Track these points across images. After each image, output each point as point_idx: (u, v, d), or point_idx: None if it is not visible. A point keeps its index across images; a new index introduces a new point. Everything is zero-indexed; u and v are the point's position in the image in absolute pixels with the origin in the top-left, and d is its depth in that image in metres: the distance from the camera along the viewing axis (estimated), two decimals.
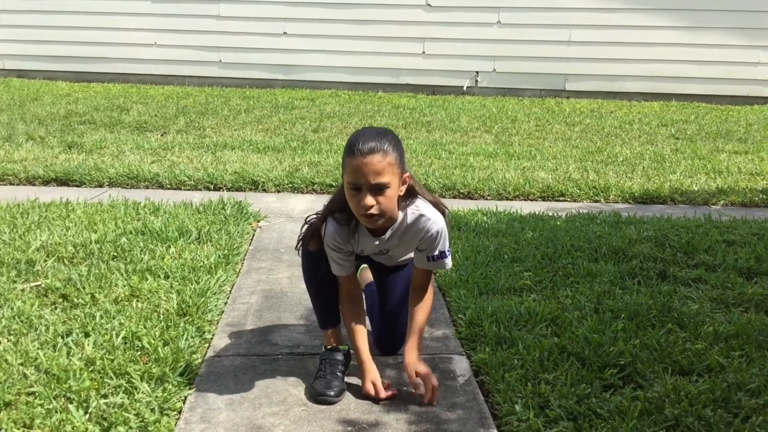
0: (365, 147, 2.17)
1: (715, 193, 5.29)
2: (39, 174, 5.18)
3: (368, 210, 2.20)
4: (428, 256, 2.42)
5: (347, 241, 2.38)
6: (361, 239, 2.41)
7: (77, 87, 9.86)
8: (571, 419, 2.21)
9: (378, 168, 2.16)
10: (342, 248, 2.40)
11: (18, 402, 2.21)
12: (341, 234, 2.37)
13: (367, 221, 2.27)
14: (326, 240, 2.38)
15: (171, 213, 4.25)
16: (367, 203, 2.19)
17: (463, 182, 5.25)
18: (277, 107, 8.66)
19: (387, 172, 2.18)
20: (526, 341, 2.69)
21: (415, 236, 2.40)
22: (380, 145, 2.18)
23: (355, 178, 2.19)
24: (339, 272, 2.45)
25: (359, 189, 2.19)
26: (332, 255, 2.42)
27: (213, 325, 2.89)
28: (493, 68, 10.24)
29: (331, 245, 2.39)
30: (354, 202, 2.23)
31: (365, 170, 2.16)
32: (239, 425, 2.20)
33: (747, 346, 2.68)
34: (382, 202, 2.21)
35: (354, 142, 2.20)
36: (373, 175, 2.17)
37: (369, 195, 2.19)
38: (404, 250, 2.52)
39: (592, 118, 8.52)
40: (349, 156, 2.19)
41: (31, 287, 3.10)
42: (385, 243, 2.43)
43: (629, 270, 3.51)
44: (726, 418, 2.21)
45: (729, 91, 9.99)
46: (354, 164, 2.18)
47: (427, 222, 2.37)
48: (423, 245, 2.41)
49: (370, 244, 2.43)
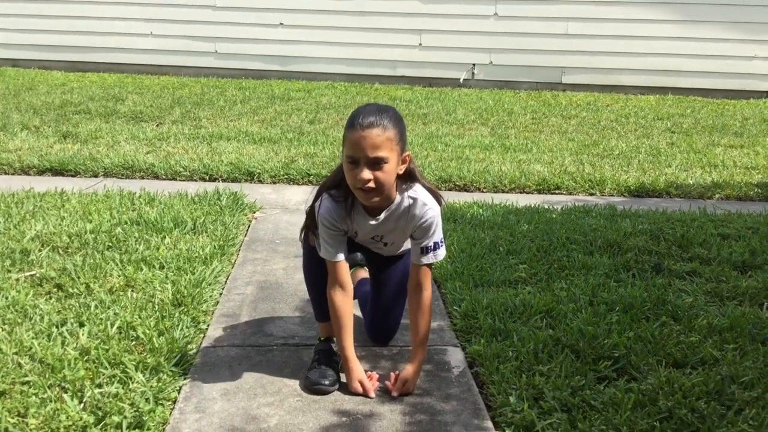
0: (365, 121, 2.16)
1: (711, 186, 5.30)
2: (34, 164, 5.17)
3: (365, 184, 2.18)
4: (423, 247, 2.38)
5: (343, 219, 2.35)
6: (357, 218, 2.37)
7: (72, 77, 9.82)
8: (565, 411, 2.22)
9: (377, 142, 2.15)
10: (337, 226, 2.34)
11: (12, 391, 2.21)
12: (337, 211, 2.34)
13: (364, 196, 2.25)
14: (321, 217, 2.34)
15: (166, 203, 4.24)
16: (364, 176, 2.17)
17: (459, 174, 5.25)
18: (273, 98, 8.64)
19: (385, 147, 2.17)
20: (520, 333, 2.69)
21: (411, 221, 2.37)
22: (380, 119, 2.17)
23: (353, 151, 2.17)
24: (329, 255, 2.36)
25: (357, 162, 2.18)
26: (324, 234, 2.35)
27: (208, 316, 2.89)
28: (490, 61, 10.23)
29: (325, 222, 2.33)
30: (351, 176, 2.21)
31: (363, 144, 2.15)
32: (234, 415, 2.20)
33: (741, 339, 2.70)
34: (379, 176, 2.19)
35: (355, 115, 2.20)
36: (371, 149, 2.15)
37: (366, 169, 2.17)
38: (399, 237, 2.49)
39: (589, 111, 8.52)
40: (349, 129, 2.19)
41: (26, 277, 3.09)
42: (380, 225, 2.39)
43: (624, 263, 3.51)
44: (719, 411, 2.22)
45: (725, 85, 10.00)
46: (353, 137, 2.17)
47: (423, 208, 2.35)
48: (418, 233, 2.38)
49: (366, 225, 2.39)
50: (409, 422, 2.20)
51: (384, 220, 2.38)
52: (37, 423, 2.04)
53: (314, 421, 2.19)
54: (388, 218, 2.38)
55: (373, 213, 2.37)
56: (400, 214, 2.37)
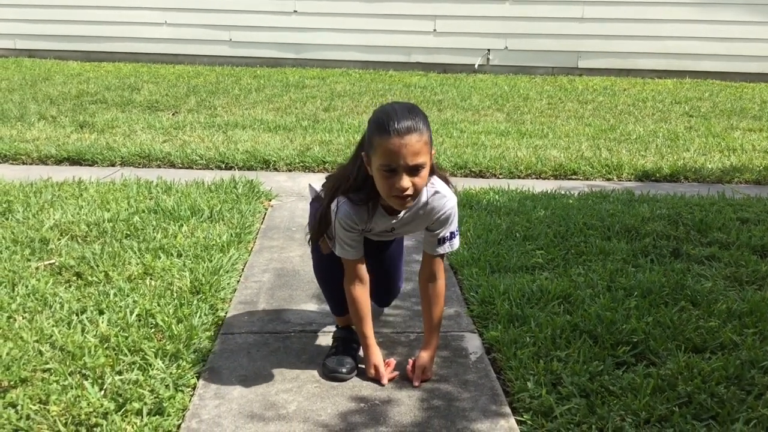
0: (402, 126, 2.01)
1: (729, 170, 5.25)
2: (51, 153, 5.20)
3: (404, 192, 2.06)
4: (440, 238, 2.33)
5: (364, 221, 2.26)
6: (377, 218, 2.30)
7: (88, 66, 9.87)
8: (584, 396, 2.21)
9: (416, 148, 2.02)
10: (357, 229, 2.28)
11: (34, 378, 2.23)
12: (358, 214, 2.25)
13: (400, 204, 2.15)
14: (340, 221, 2.24)
15: (183, 192, 4.26)
16: (404, 185, 2.05)
17: (474, 161, 5.23)
18: (288, 86, 8.64)
19: (423, 152, 2.05)
20: (538, 319, 2.69)
21: (429, 214, 2.30)
22: (416, 123, 2.03)
23: (392, 160, 2.03)
24: (349, 255, 2.31)
25: (394, 171, 2.05)
26: (344, 236, 2.27)
27: (226, 303, 2.90)
28: (505, 46, 10.17)
29: (345, 226, 2.25)
30: (387, 185, 2.08)
31: (404, 152, 2.01)
32: (253, 401, 2.22)
33: (760, 323, 2.68)
34: (417, 183, 2.08)
35: (386, 120, 2.04)
36: (412, 157, 2.02)
37: (405, 176, 2.05)
38: (412, 228, 2.41)
39: (605, 96, 8.45)
40: (383, 135, 2.03)
41: (46, 265, 3.12)
42: (399, 221, 2.32)
43: (642, 248, 3.49)
44: (739, 395, 2.20)
45: (743, 68, 9.90)
46: (390, 145, 2.02)
47: (442, 200, 2.28)
48: (435, 225, 2.32)
49: (385, 223, 2.33)
50: (426, 408, 2.21)
51: (403, 215, 2.31)
52: (59, 410, 2.06)
53: (332, 408, 2.20)
54: (408, 213, 2.31)
55: (394, 211, 2.29)
56: (421, 208, 2.29)
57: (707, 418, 2.11)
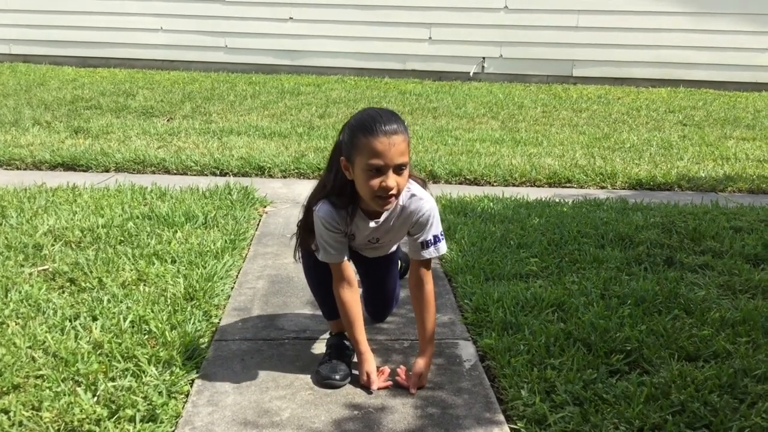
0: (389, 128, 2.10)
1: (723, 179, 5.27)
2: (46, 159, 5.19)
3: (389, 191, 2.13)
4: (422, 242, 2.35)
5: (345, 223, 2.31)
6: (357, 222, 2.34)
7: (83, 72, 9.87)
8: (577, 404, 2.21)
9: (402, 149, 2.11)
10: (339, 228, 2.30)
11: (26, 385, 2.22)
12: (339, 216, 2.29)
13: (382, 204, 2.19)
14: (322, 221, 2.28)
15: (177, 198, 4.26)
16: (390, 184, 2.11)
17: (469, 168, 5.24)
18: (283, 93, 8.64)
19: (406, 151, 2.14)
20: (532, 327, 2.69)
21: (408, 218, 2.34)
22: (399, 126, 2.12)
23: (380, 159, 2.09)
24: (333, 259, 2.34)
25: (381, 170, 2.11)
26: (328, 237, 2.30)
27: (220, 310, 2.90)
28: (500, 54, 10.20)
29: (328, 226, 2.29)
30: (371, 185, 2.13)
31: (393, 151, 2.09)
32: (246, 408, 2.21)
33: (754, 332, 2.68)
34: (400, 182, 2.15)
35: (372, 122, 2.11)
36: (399, 156, 2.11)
37: (393, 175, 2.12)
38: (395, 236, 2.46)
39: (600, 105, 8.48)
40: (370, 136, 2.09)
41: (39, 271, 3.11)
42: (379, 227, 2.37)
43: (636, 256, 3.50)
44: (732, 404, 2.20)
45: (737, 77, 9.95)
46: (378, 145, 2.08)
47: (419, 202, 2.32)
48: (415, 228, 2.35)
49: (365, 228, 2.36)
50: (420, 416, 2.21)
51: (383, 221, 2.36)
52: (51, 416, 2.06)
53: (326, 415, 2.19)
54: (388, 218, 2.36)
55: (374, 216, 2.34)
56: (399, 211, 2.34)
57: (700, 427, 2.10)
